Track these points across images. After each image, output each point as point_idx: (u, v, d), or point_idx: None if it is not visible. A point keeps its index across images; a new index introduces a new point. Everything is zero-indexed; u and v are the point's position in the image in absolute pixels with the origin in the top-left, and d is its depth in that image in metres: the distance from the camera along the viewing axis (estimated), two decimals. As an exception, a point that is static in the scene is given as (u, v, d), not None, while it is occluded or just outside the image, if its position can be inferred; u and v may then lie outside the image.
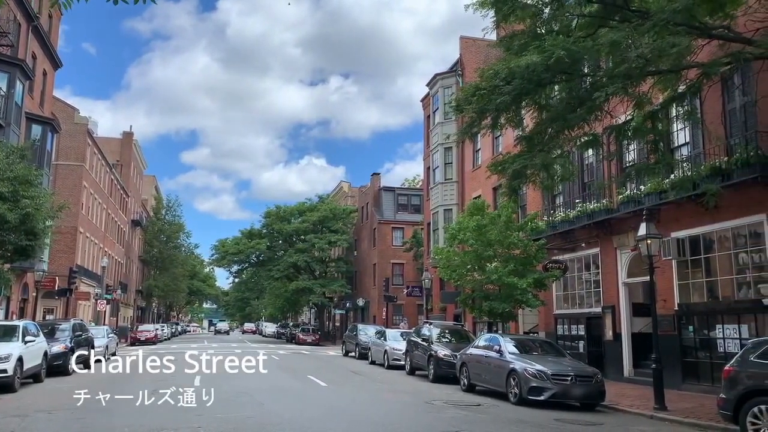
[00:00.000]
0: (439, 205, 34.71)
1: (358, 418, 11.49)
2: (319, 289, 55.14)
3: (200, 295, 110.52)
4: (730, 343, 15.54)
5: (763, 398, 9.19)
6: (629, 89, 10.85)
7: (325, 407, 12.80)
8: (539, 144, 12.11)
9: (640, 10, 10.45)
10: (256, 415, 10.91)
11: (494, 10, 11.66)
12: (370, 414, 12.20)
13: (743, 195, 15.08)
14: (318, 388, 16.31)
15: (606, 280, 20.82)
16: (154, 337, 46.26)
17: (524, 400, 13.65)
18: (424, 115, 40.00)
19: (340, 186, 70.03)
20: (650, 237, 13.89)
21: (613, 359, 20.08)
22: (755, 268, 15.33)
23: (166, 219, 74.71)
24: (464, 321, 29.54)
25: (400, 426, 10.89)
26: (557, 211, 23.05)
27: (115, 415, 10.58)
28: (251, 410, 11.40)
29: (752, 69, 13.89)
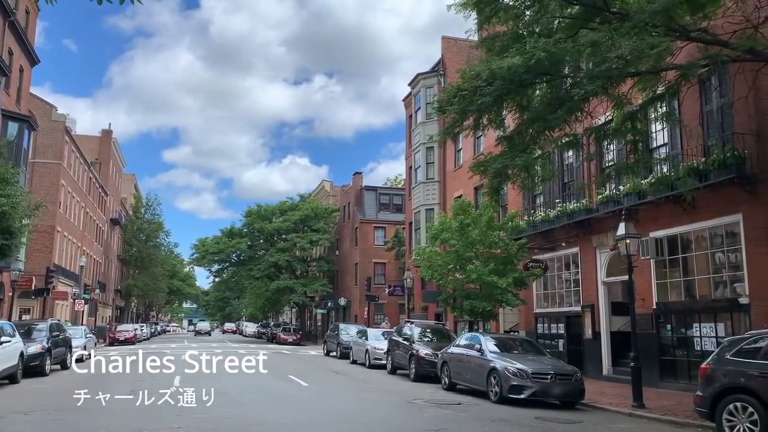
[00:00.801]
0: (421, 204, 34.78)
1: (338, 418, 11.47)
2: (301, 288, 54.95)
3: (180, 295, 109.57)
4: (706, 342, 15.77)
5: (739, 395, 9.32)
6: (609, 90, 10.96)
7: (306, 407, 12.77)
8: (520, 144, 12.19)
9: (621, 12, 10.56)
10: (236, 416, 10.85)
11: (476, 11, 11.72)
12: (351, 413, 12.19)
13: (720, 195, 15.32)
14: (299, 388, 16.26)
15: (585, 279, 21.02)
16: (133, 337, 45.80)
17: (505, 398, 13.73)
18: (406, 115, 40.05)
19: (322, 185, 69.85)
20: (629, 237, 14.05)
21: (593, 357, 20.28)
22: (731, 268, 15.57)
23: (146, 218, 73.94)
24: (446, 320, 29.65)
25: (381, 425, 10.90)
26: (538, 211, 23.22)
27: (93, 415, 10.46)
28: (232, 410, 11.33)
29: (729, 71, 14.11)
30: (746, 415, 9.13)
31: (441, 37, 35.47)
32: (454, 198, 30.48)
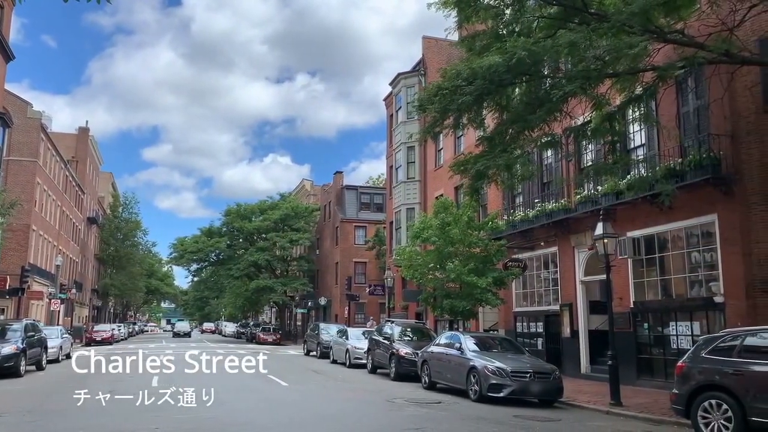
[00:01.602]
0: (402, 204, 34.81)
1: (318, 417, 11.44)
2: (281, 287, 54.71)
3: (158, 295, 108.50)
4: (682, 340, 15.98)
5: (714, 393, 9.46)
6: (587, 90, 11.06)
7: (285, 407, 12.71)
8: (500, 144, 12.25)
9: (599, 13, 10.66)
10: (215, 416, 10.76)
11: (457, 10, 11.76)
12: (331, 413, 12.16)
13: (696, 196, 15.53)
14: (279, 388, 16.18)
15: (564, 278, 21.19)
16: (111, 337, 45.22)
17: (484, 397, 13.80)
18: (387, 115, 40.04)
19: (303, 184, 69.59)
20: (607, 236, 14.19)
21: (571, 356, 20.45)
22: (707, 267, 15.80)
23: (123, 216, 73.08)
24: (426, 319, 29.70)
25: (360, 424, 10.89)
26: (517, 211, 23.36)
27: (69, 417, 10.32)
28: (211, 411, 11.23)
29: (705, 73, 14.32)
30: (721, 412, 9.27)
31: (422, 37, 35.54)
32: (435, 197, 30.56)
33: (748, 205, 14.51)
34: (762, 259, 14.12)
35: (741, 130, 14.78)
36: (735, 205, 14.83)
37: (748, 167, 14.58)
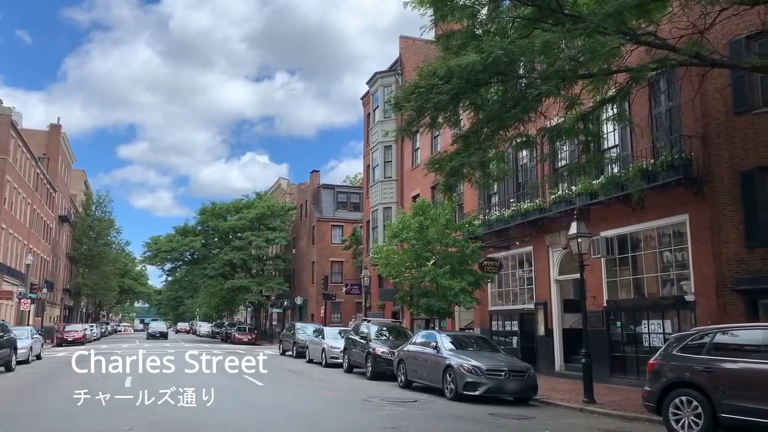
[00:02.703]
0: (379, 203, 34.81)
1: (294, 417, 11.38)
2: (256, 287, 54.38)
3: (131, 294, 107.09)
4: (654, 338, 16.23)
5: (684, 390, 9.62)
6: (562, 90, 11.16)
7: (261, 406, 12.63)
8: (475, 143, 12.31)
9: (573, 14, 10.76)
10: (189, 416, 10.64)
11: (433, 9, 11.78)
12: (307, 412, 12.11)
13: (667, 196, 15.78)
14: (254, 388, 16.07)
15: (539, 277, 21.37)
16: (83, 338, 44.52)
17: (460, 395, 13.86)
18: (364, 113, 40.01)
19: (279, 183, 69.21)
20: (580, 236, 14.36)
21: (545, 354, 20.64)
22: (678, 266, 16.06)
23: (96, 215, 71.97)
24: (402, 318, 29.73)
25: (336, 423, 10.86)
26: (493, 210, 23.53)
27: (41, 419, 10.14)
28: (185, 411, 11.10)
29: (677, 75, 14.55)
30: (691, 408, 9.43)
31: (399, 37, 35.59)
32: (412, 197, 30.62)
33: (717, 205, 14.79)
34: (731, 258, 14.40)
35: (711, 132, 15.05)
36: (705, 205, 15.10)
37: (718, 168, 14.86)
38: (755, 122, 14.15)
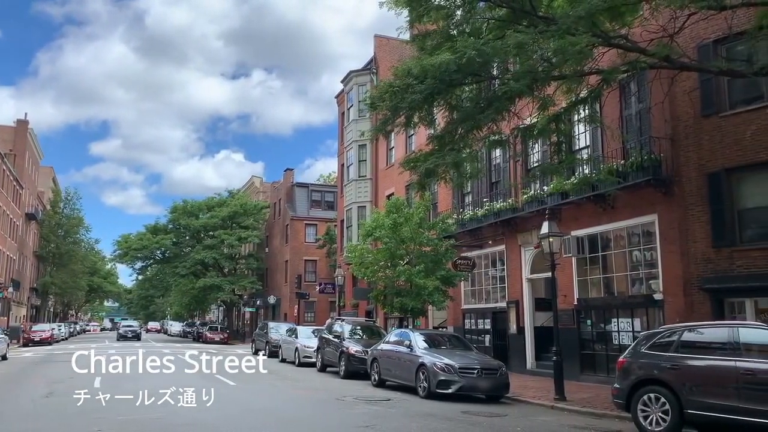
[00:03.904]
0: (353, 202, 34.78)
1: (267, 416, 11.33)
2: (228, 286, 53.91)
3: (101, 293, 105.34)
4: (624, 336, 16.50)
5: (652, 387, 9.80)
6: (535, 91, 11.29)
7: (233, 406, 12.53)
8: (450, 143, 12.38)
9: (547, 17, 10.89)
10: (160, 416, 10.52)
11: (408, 9, 11.82)
12: (280, 411, 12.06)
13: (637, 196, 16.05)
14: (226, 388, 15.93)
15: (511, 276, 21.56)
16: (50, 338, 43.67)
17: (433, 393, 13.92)
18: (338, 112, 39.93)
19: (252, 181, 68.68)
20: (552, 235, 14.54)
21: (517, 352, 20.83)
22: (647, 266, 16.34)
23: (65, 212, 70.59)
24: (376, 317, 29.76)
25: (310, 423, 10.83)
26: (466, 210, 23.68)
27: (5, 420, 9.93)
28: (155, 411, 10.98)
29: (647, 77, 14.80)
30: (659, 405, 9.61)
31: (374, 36, 35.61)
32: (386, 196, 30.64)
33: (686, 205, 15.08)
34: (698, 257, 14.71)
35: (680, 134, 15.34)
36: (674, 205, 15.39)
37: (686, 169, 15.16)
38: (722, 124, 14.46)
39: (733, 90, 14.50)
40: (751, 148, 13.85)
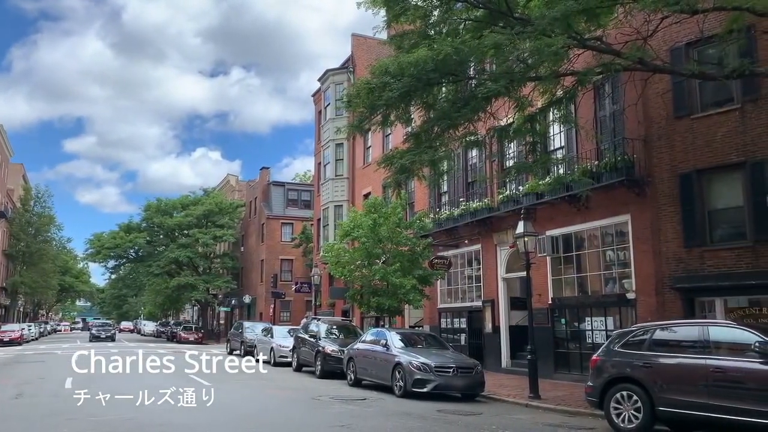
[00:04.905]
0: (330, 201, 34.68)
1: (242, 416, 11.24)
2: (203, 285, 53.45)
3: (72, 292, 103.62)
4: (597, 335, 16.69)
5: (625, 385, 9.91)
6: (511, 91, 11.37)
7: (207, 407, 12.40)
8: (426, 141, 12.42)
9: (523, 18, 10.97)
10: (133, 417, 10.38)
11: (386, 9, 11.82)
12: (255, 412, 11.98)
13: (611, 196, 16.25)
14: (201, 387, 15.78)
15: (487, 275, 21.69)
16: (20, 338, 42.88)
17: (409, 392, 13.95)
18: (315, 111, 39.79)
19: (227, 179, 68.11)
20: (527, 235, 14.67)
21: (492, 351, 20.96)
22: (620, 265, 16.56)
23: (35, 211, 69.26)
24: (352, 316, 29.72)
25: (285, 423, 10.78)
26: (443, 209, 23.76)
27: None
28: (129, 412, 10.83)
29: (621, 79, 14.98)
30: (631, 402, 9.73)
31: (351, 35, 35.55)
32: (363, 195, 30.61)
33: (658, 206, 15.31)
34: (670, 257, 14.94)
35: (653, 135, 15.57)
36: (646, 206, 15.61)
37: (658, 170, 15.39)
38: (694, 126, 14.71)
39: (704, 92, 14.75)
40: (722, 149, 14.11)
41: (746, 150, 13.65)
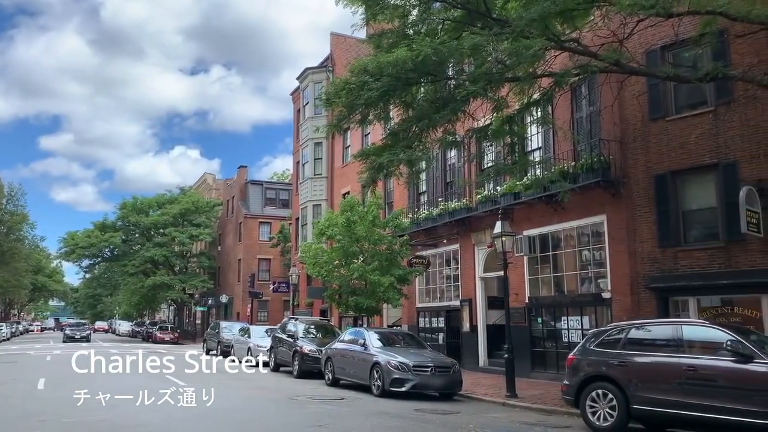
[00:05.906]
0: (308, 200, 34.56)
1: (218, 417, 11.13)
2: (179, 285, 52.97)
3: (45, 292, 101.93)
4: (573, 334, 16.85)
5: (600, 383, 10.02)
6: (489, 92, 11.43)
7: (183, 407, 12.28)
8: (404, 140, 12.43)
9: (501, 19, 11.03)
10: (108, 418, 10.23)
11: (364, 7, 11.81)
12: (231, 412, 11.88)
13: (587, 197, 16.41)
14: (177, 388, 15.61)
15: (465, 274, 21.78)
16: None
17: (387, 392, 13.95)
18: (294, 109, 39.62)
19: (204, 178, 67.51)
20: (505, 234, 14.76)
21: (470, 350, 21.06)
22: (596, 265, 16.73)
23: (8, 209, 67.99)
24: (331, 316, 29.66)
25: (262, 423, 10.71)
26: (422, 209, 23.81)
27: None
28: (104, 413, 10.68)
29: (597, 81, 15.15)
30: (606, 401, 9.84)
31: (330, 33, 35.45)
32: (342, 194, 30.54)
33: (633, 207, 15.50)
34: (645, 257, 15.14)
35: (629, 137, 15.76)
36: (622, 206, 15.80)
37: (634, 171, 15.58)
38: (669, 128, 14.91)
39: (679, 95, 14.97)
40: (696, 151, 14.33)
41: (719, 152, 13.89)
